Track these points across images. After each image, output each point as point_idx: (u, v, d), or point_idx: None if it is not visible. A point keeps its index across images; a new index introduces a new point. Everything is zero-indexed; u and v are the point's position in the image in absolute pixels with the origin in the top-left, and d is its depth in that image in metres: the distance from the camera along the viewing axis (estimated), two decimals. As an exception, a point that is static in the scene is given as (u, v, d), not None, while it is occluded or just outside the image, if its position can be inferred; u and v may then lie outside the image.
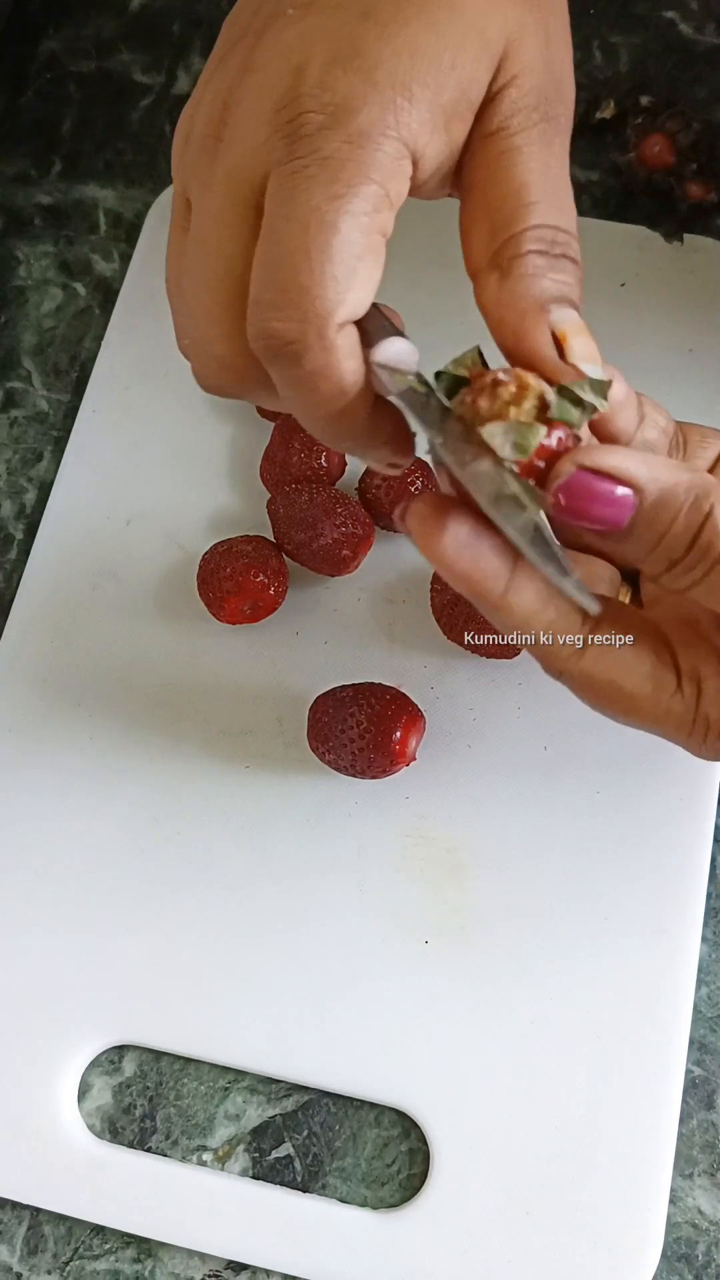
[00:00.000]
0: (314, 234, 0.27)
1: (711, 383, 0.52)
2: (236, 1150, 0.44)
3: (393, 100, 0.28)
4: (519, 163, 0.30)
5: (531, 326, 0.29)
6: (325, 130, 0.27)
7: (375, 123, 0.28)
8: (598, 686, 0.33)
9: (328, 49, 0.28)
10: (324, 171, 0.27)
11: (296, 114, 0.27)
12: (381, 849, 0.46)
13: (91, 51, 0.62)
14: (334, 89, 0.27)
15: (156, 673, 0.49)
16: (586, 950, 0.44)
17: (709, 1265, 0.42)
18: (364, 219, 0.28)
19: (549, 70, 0.30)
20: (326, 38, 0.28)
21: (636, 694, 0.33)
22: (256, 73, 0.29)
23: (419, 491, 0.43)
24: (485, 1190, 0.42)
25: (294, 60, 0.28)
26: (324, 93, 0.27)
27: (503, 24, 0.29)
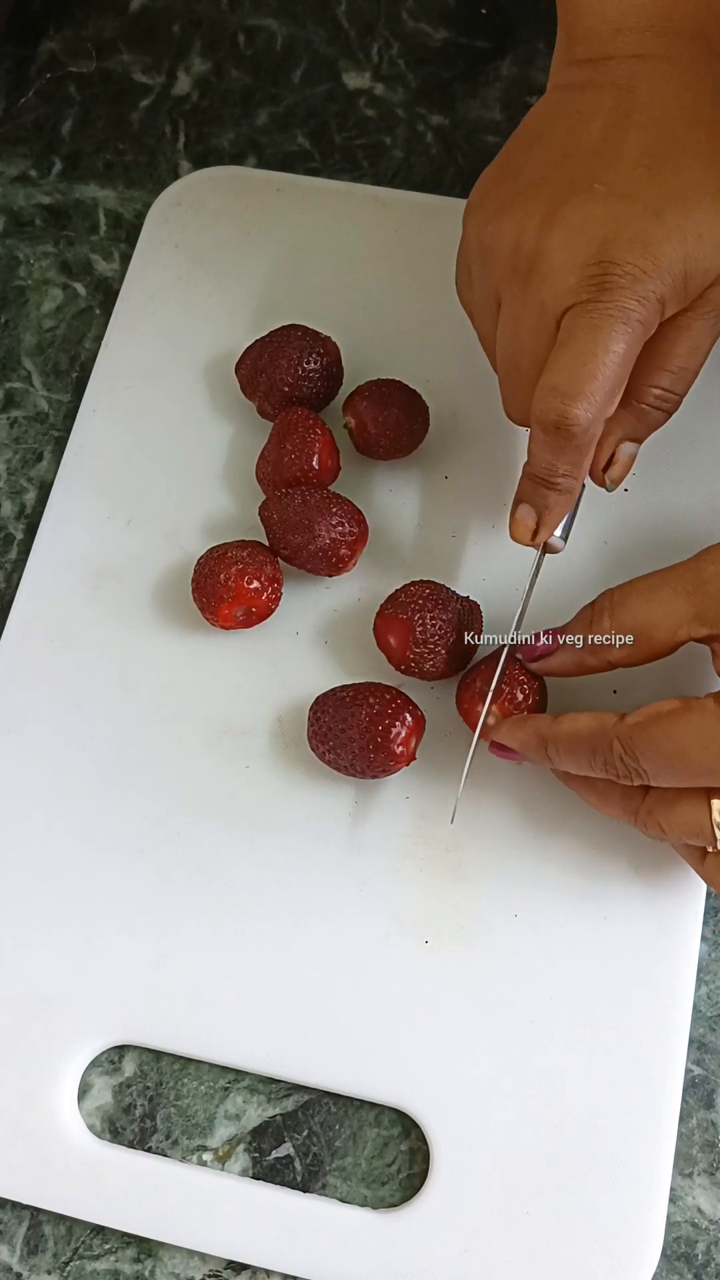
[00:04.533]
0: (605, 361, 0.39)
1: (712, 383, 0.52)
2: (236, 1150, 0.44)
3: (668, 279, 0.39)
4: (708, 334, 0.43)
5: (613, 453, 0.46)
6: (624, 289, 0.39)
7: (654, 291, 0.39)
8: (647, 725, 0.39)
9: (630, 233, 0.39)
10: (620, 316, 0.39)
11: (604, 273, 0.39)
12: (381, 849, 0.46)
13: (91, 51, 0.62)
14: (633, 263, 0.39)
15: (156, 673, 0.49)
16: (586, 950, 0.44)
17: (709, 1264, 0.42)
18: (628, 358, 0.40)
19: None
20: (629, 223, 0.39)
21: (674, 708, 0.39)
22: (565, 231, 0.40)
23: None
24: (485, 1190, 0.42)
25: (602, 232, 0.39)
26: (626, 264, 0.39)
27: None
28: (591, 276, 0.39)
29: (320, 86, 0.61)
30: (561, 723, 0.42)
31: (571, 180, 0.40)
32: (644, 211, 0.39)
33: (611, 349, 0.39)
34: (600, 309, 0.39)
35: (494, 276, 0.42)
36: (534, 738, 0.42)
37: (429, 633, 0.45)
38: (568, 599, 0.48)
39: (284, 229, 0.56)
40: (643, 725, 0.39)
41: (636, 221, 0.39)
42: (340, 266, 0.55)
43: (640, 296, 0.39)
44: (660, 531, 0.49)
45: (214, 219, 0.56)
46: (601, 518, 0.50)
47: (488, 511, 0.50)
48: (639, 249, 0.39)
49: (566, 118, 0.42)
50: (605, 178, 0.40)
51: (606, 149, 0.40)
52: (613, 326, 0.39)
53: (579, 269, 0.39)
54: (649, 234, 0.39)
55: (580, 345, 0.39)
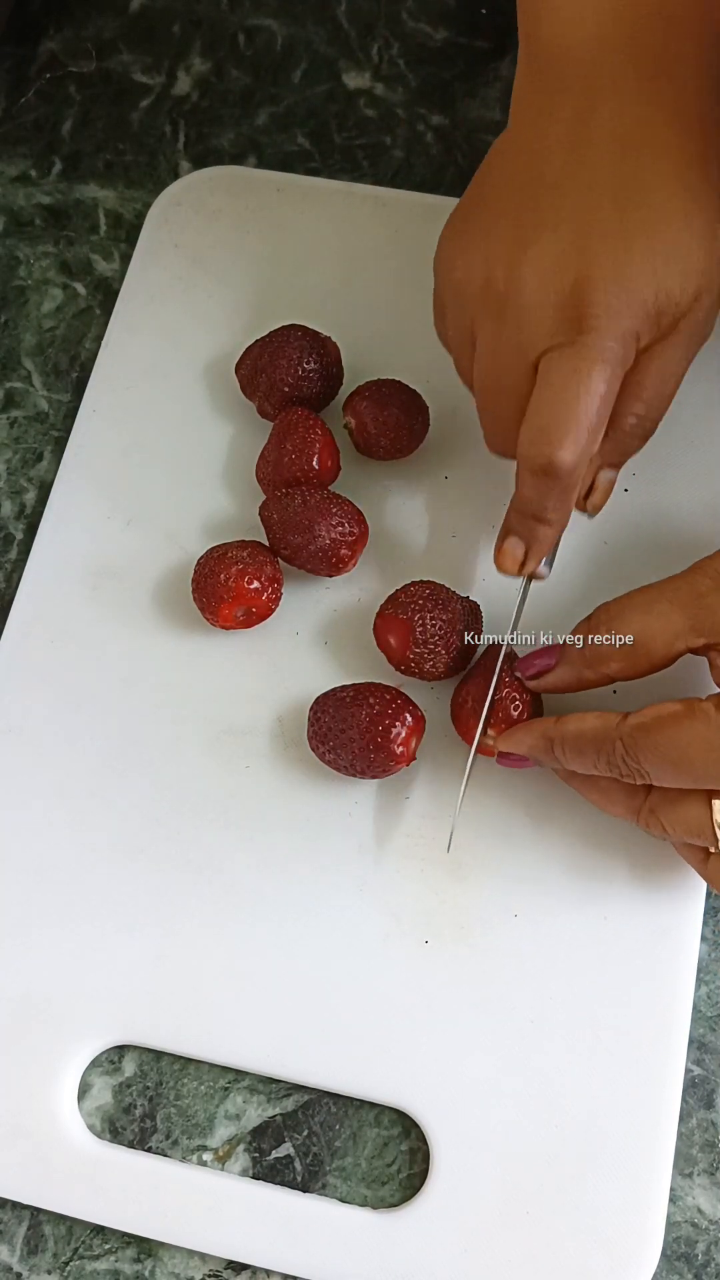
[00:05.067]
0: (588, 403, 0.39)
1: (712, 383, 0.52)
2: (236, 1150, 0.44)
3: (641, 313, 0.39)
4: (681, 360, 0.43)
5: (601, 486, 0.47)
6: (602, 330, 0.39)
7: (630, 330, 0.39)
8: (651, 727, 0.39)
9: (602, 270, 0.39)
10: (600, 357, 0.39)
11: (581, 315, 0.39)
12: (381, 849, 0.46)
13: (91, 51, 0.62)
14: (608, 302, 0.39)
15: (156, 673, 0.49)
16: (586, 950, 0.44)
17: (709, 1264, 0.42)
18: (610, 396, 0.40)
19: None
20: (600, 260, 0.39)
21: (676, 710, 0.39)
22: (536, 270, 0.39)
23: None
24: (485, 1190, 0.42)
25: (574, 271, 0.39)
26: (601, 303, 0.39)
27: (699, 278, 0.40)
28: (569, 319, 0.39)
29: (320, 86, 0.61)
30: (567, 723, 0.42)
31: (538, 215, 0.40)
32: (614, 247, 0.39)
33: (594, 390, 0.39)
34: (580, 351, 0.39)
35: (467, 314, 0.42)
36: (541, 740, 0.42)
37: (429, 633, 0.45)
38: (568, 599, 0.48)
39: (284, 229, 0.56)
40: (645, 728, 0.39)
41: (607, 258, 0.39)
42: (340, 266, 0.55)
43: (617, 335, 0.39)
44: (659, 532, 0.49)
45: (214, 219, 0.56)
46: (601, 518, 0.49)
47: (488, 511, 0.50)
48: (613, 286, 0.39)
49: (528, 151, 0.42)
50: (571, 214, 0.40)
51: (569, 181, 0.40)
52: (593, 368, 0.39)
53: (555, 310, 0.39)
54: (621, 270, 0.39)
55: (563, 388, 0.39)
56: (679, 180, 0.40)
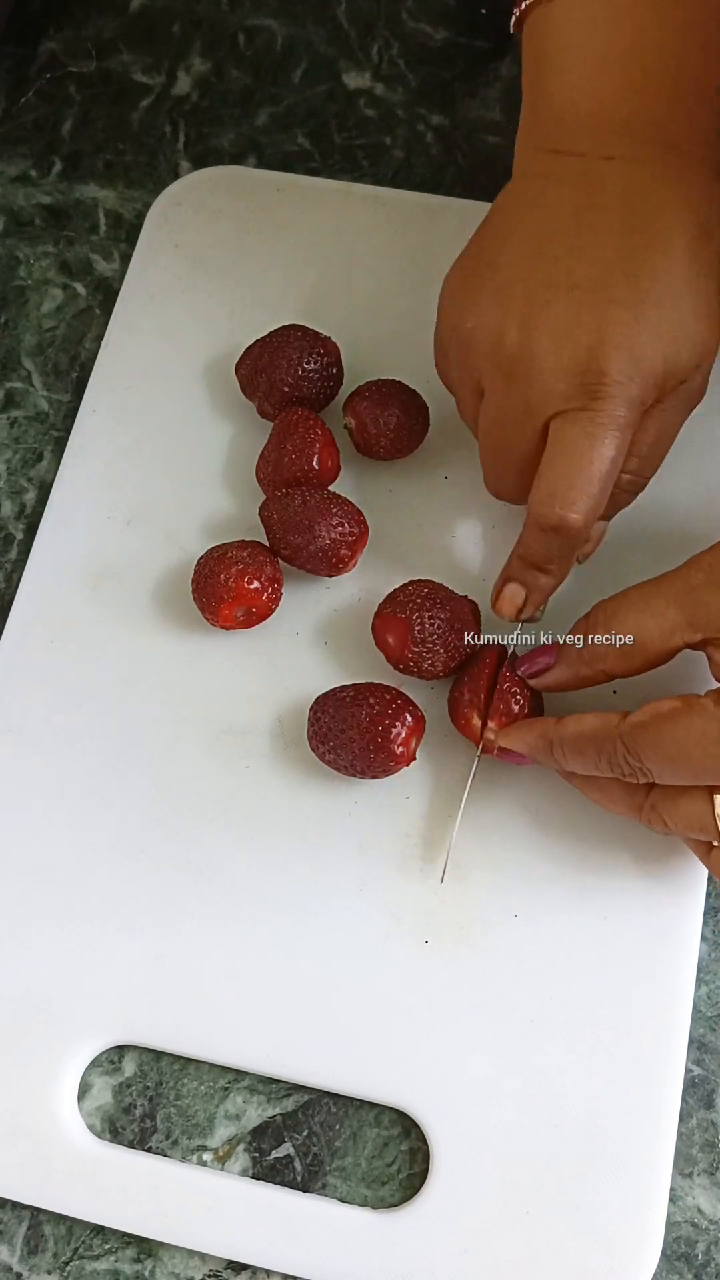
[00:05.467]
0: (600, 467, 0.41)
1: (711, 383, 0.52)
2: (236, 1150, 0.44)
3: (650, 381, 0.41)
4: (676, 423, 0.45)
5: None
6: (614, 397, 0.40)
7: (639, 398, 0.41)
8: (651, 725, 0.39)
9: (616, 339, 0.40)
10: (611, 423, 0.41)
11: (596, 382, 0.40)
12: (381, 849, 0.46)
13: (91, 51, 0.62)
14: (621, 369, 0.40)
15: (156, 673, 0.49)
16: (586, 950, 0.44)
17: (709, 1264, 0.42)
18: (619, 460, 0.42)
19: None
20: (614, 328, 0.40)
21: (675, 707, 0.39)
22: (550, 335, 0.41)
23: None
24: (485, 1190, 0.42)
25: (588, 338, 0.40)
26: (614, 371, 0.40)
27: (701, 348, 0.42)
28: (583, 385, 0.40)
29: (320, 86, 0.61)
30: (566, 724, 0.42)
31: (550, 279, 0.41)
32: (627, 316, 0.40)
33: (606, 455, 0.41)
34: (594, 417, 0.40)
35: (475, 367, 0.43)
36: (540, 740, 0.43)
37: (427, 632, 0.45)
38: (568, 598, 0.48)
39: (284, 229, 0.56)
40: (645, 726, 0.40)
41: (621, 327, 0.40)
42: (340, 266, 0.55)
43: (628, 401, 0.40)
44: (660, 532, 0.49)
45: (214, 219, 0.56)
46: (601, 518, 0.50)
47: (488, 511, 0.50)
48: (625, 355, 0.40)
49: (537, 209, 0.43)
50: (584, 280, 0.41)
51: (581, 247, 0.41)
52: (605, 434, 0.40)
53: (568, 376, 0.40)
54: (633, 339, 0.40)
55: (577, 453, 0.41)
56: (686, 253, 0.41)
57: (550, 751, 0.42)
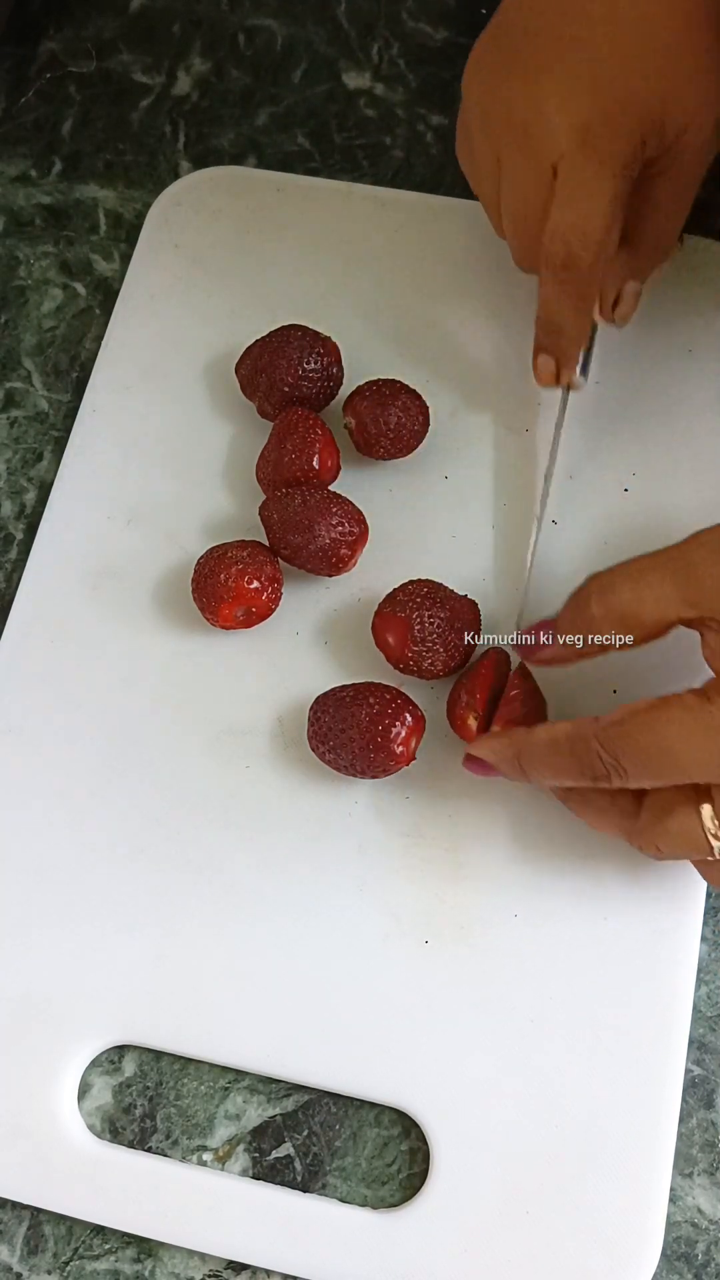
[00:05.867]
0: (600, 200, 0.43)
1: (712, 383, 0.52)
2: (236, 1150, 0.44)
3: (648, 122, 0.43)
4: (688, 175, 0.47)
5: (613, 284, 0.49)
6: (612, 137, 0.42)
7: (637, 133, 0.43)
8: (632, 722, 0.39)
9: (616, 90, 0.43)
10: (610, 161, 0.42)
11: (597, 124, 0.43)
12: (381, 849, 0.46)
13: (91, 51, 0.62)
14: (619, 115, 0.42)
15: (156, 673, 0.49)
16: (586, 950, 0.44)
17: (709, 1264, 0.42)
18: (622, 196, 0.43)
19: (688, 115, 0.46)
20: (614, 81, 0.43)
21: (658, 703, 0.39)
22: (557, 91, 0.43)
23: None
24: (485, 1190, 0.42)
25: (590, 93, 0.43)
26: (614, 116, 0.42)
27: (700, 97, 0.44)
28: (582, 130, 0.43)
29: (320, 86, 0.61)
30: (537, 731, 0.42)
31: (558, 38, 0.44)
32: (628, 71, 0.43)
33: (606, 190, 0.43)
34: (588, 154, 0.43)
35: (493, 138, 0.46)
36: (507, 749, 0.42)
37: (427, 630, 0.45)
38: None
39: (284, 229, 0.56)
40: (621, 722, 0.39)
41: (622, 79, 0.43)
42: (340, 266, 0.55)
43: (624, 137, 0.43)
44: (660, 532, 0.49)
45: (214, 219, 0.56)
46: (601, 518, 0.50)
47: (488, 511, 0.50)
48: (624, 104, 0.42)
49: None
50: (593, 37, 0.43)
51: (595, 8, 0.44)
52: (605, 171, 0.43)
53: (570, 125, 0.43)
54: (632, 89, 0.43)
55: (577, 190, 0.43)
56: (690, 19, 0.43)
57: (517, 763, 0.42)
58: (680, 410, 0.51)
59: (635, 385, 0.52)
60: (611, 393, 0.51)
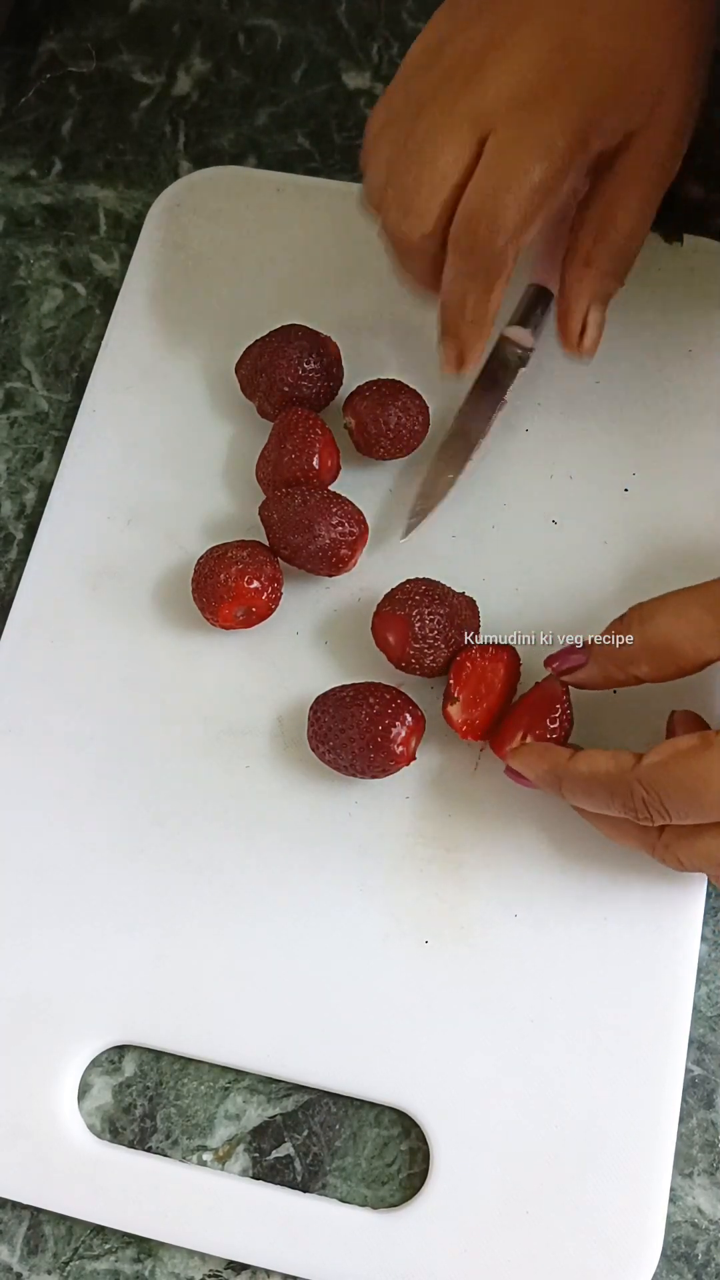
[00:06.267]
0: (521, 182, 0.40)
1: (712, 383, 0.52)
2: (236, 1150, 0.44)
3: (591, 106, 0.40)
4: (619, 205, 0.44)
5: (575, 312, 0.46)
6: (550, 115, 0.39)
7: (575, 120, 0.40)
8: (667, 766, 0.38)
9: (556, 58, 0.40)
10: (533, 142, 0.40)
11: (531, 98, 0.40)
12: (381, 849, 0.46)
13: (91, 51, 0.62)
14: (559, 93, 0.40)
15: (156, 672, 0.49)
16: (586, 950, 0.44)
17: (709, 1264, 0.42)
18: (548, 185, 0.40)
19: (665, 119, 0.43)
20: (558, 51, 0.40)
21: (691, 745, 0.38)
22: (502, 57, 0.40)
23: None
24: (485, 1190, 0.42)
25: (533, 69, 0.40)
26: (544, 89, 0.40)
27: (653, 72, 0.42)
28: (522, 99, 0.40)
29: (320, 86, 0.61)
30: (579, 762, 0.41)
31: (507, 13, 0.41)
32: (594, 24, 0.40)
33: (531, 173, 0.39)
34: (520, 135, 0.40)
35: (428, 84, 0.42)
36: (550, 775, 0.42)
37: (427, 628, 0.45)
38: (568, 598, 0.48)
39: (284, 229, 0.56)
40: (664, 765, 0.39)
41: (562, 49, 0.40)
42: (340, 266, 0.55)
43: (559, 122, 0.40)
44: (660, 531, 0.49)
45: (214, 219, 0.56)
46: (601, 518, 0.50)
47: (488, 511, 0.50)
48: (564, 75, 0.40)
49: None
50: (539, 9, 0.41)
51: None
52: (537, 151, 0.40)
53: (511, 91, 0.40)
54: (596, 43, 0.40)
55: (497, 167, 0.40)
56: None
57: (559, 787, 0.42)
58: (680, 410, 0.51)
59: (635, 385, 0.52)
60: (611, 393, 0.51)
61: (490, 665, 0.44)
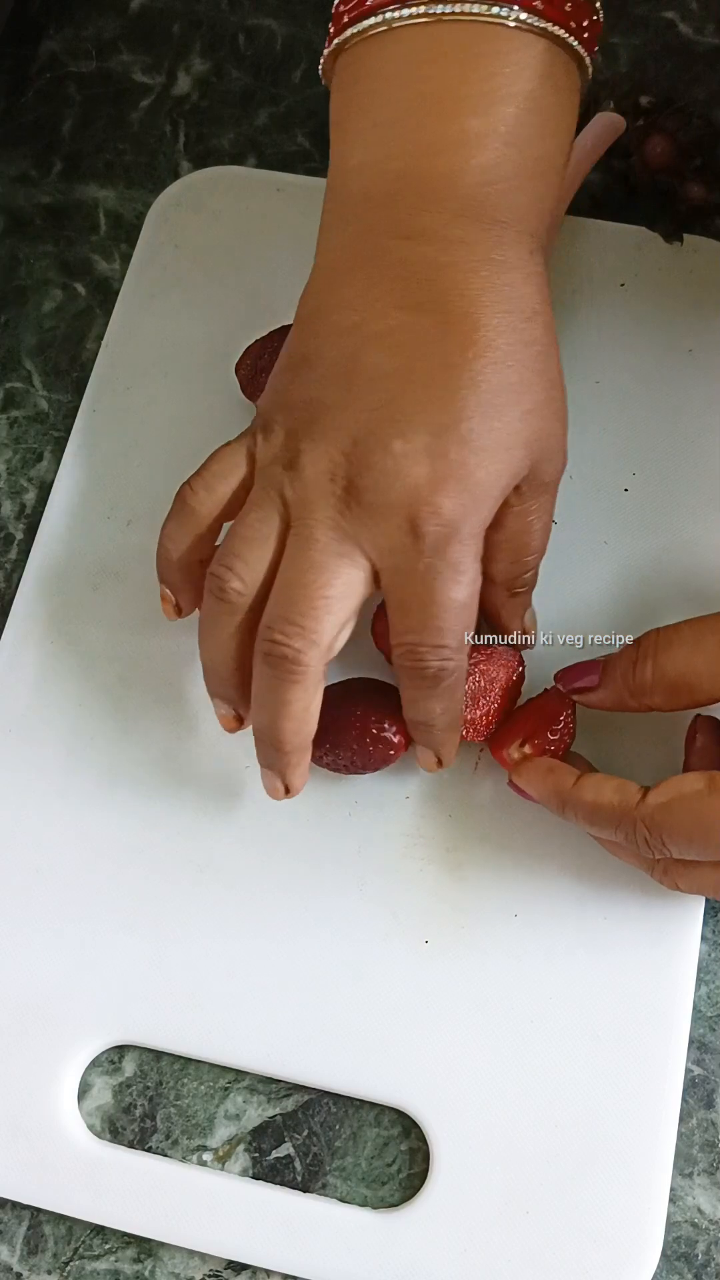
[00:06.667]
0: (451, 608, 0.39)
1: (712, 383, 0.52)
2: (236, 1150, 0.44)
3: (491, 505, 0.40)
4: (533, 530, 0.42)
5: (516, 627, 0.45)
6: (452, 537, 0.39)
7: (480, 523, 0.40)
8: (670, 808, 0.38)
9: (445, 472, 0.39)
10: (454, 563, 0.39)
11: (430, 521, 0.39)
12: (381, 849, 0.46)
13: (91, 51, 0.62)
14: (455, 508, 0.39)
15: (156, 673, 0.49)
16: (586, 950, 0.44)
17: (709, 1264, 0.42)
18: (471, 593, 0.40)
19: (555, 461, 0.42)
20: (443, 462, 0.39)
21: (697, 789, 0.38)
22: (375, 474, 0.39)
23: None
24: (485, 1190, 0.42)
25: (413, 477, 0.39)
26: (448, 509, 0.39)
27: (533, 443, 0.41)
28: (414, 528, 0.39)
29: (320, 86, 0.60)
30: (584, 790, 0.40)
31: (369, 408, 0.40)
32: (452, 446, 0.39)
33: (455, 597, 0.39)
34: (432, 564, 0.39)
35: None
36: (553, 796, 0.42)
37: None
38: (567, 599, 0.48)
39: (284, 229, 0.56)
40: (669, 807, 0.38)
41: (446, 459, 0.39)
42: (340, 266, 0.55)
43: (470, 533, 0.39)
44: (660, 531, 0.49)
45: (214, 219, 0.56)
46: (601, 518, 0.50)
47: (488, 511, 0.50)
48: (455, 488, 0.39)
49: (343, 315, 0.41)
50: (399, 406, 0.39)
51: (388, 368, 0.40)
52: (450, 574, 0.39)
53: (396, 522, 0.39)
54: (464, 470, 0.39)
55: (424, 598, 0.40)
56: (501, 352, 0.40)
57: (563, 810, 0.41)
58: (680, 410, 0.51)
59: (635, 385, 0.52)
60: (611, 393, 0.51)
61: (492, 667, 0.44)
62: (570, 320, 0.53)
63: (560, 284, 0.53)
